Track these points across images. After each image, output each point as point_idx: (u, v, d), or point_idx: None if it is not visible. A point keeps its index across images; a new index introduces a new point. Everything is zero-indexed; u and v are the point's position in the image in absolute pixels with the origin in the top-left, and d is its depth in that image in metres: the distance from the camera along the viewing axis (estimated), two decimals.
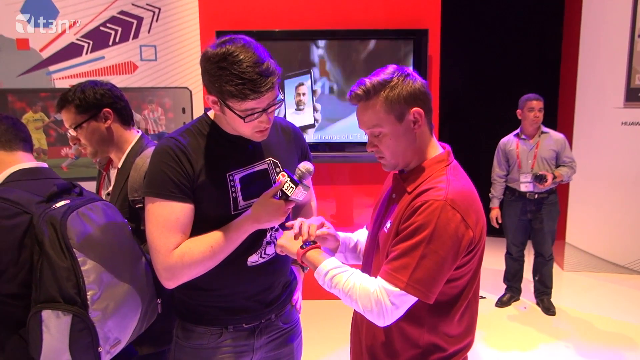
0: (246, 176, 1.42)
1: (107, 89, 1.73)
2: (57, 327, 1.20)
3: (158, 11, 4.02)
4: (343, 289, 1.26)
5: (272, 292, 1.53)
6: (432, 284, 1.20)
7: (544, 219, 3.83)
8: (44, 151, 3.44)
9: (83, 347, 1.23)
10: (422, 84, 1.31)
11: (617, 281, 4.59)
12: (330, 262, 1.31)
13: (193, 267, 1.33)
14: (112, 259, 1.31)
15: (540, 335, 3.61)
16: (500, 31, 5.45)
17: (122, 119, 1.77)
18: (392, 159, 1.33)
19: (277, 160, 1.50)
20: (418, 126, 1.30)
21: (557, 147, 3.79)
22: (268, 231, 1.47)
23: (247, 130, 1.35)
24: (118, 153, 1.77)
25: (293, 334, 1.63)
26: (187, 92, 3.61)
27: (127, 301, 1.34)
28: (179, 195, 1.32)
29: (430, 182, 1.27)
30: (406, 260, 1.20)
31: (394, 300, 1.21)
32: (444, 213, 1.19)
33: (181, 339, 1.49)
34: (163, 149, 1.35)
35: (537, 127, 3.82)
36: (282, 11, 3.81)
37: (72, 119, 1.71)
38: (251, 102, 1.27)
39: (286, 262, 1.56)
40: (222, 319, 1.47)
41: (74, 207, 1.27)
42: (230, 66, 1.23)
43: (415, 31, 3.76)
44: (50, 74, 3.88)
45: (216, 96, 1.30)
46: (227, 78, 1.24)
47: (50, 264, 1.20)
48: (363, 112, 1.30)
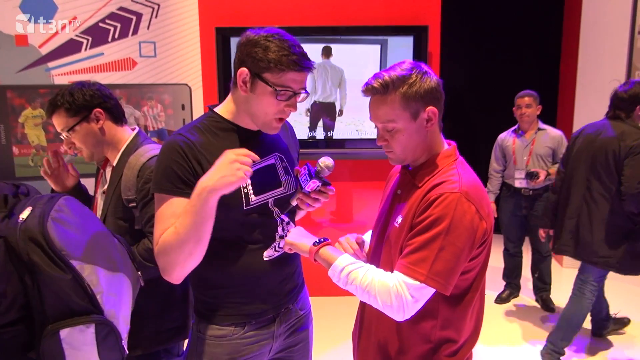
0: (257, 171, 1.41)
1: (95, 89, 1.72)
2: (82, 340, 1.15)
3: (157, 7, 4.01)
4: (361, 284, 1.26)
5: (290, 282, 1.55)
6: (451, 275, 1.22)
7: (539, 214, 3.80)
8: (43, 148, 3.43)
9: (110, 349, 1.21)
10: (438, 82, 1.31)
11: (616, 277, 4.57)
12: (345, 258, 1.31)
13: (168, 256, 1.30)
14: (99, 253, 1.26)
15: (539, 332, 3.62)
16: (501, 28, 5.44)
17: (113, 118, 1.76)
18: (401, 154, 1.34)
19: (282, 156, 1.51)
20: (431, 124, 1.31)
21: (553, 144, 3.78)
22: (280, 225, 1.48)
23: (271, 112, 1.36)
24: (113, 151, 1.76)
25: (307, 319, 1.66)
26: (186, 88, 3.60)
27: (124, 287, 1.31)
28: (186, 192, 1.31)
29: (442, 176, 1.28)
30: (425, 253, 1.21)
31: (413, 293, 1.21)
32: (460, 205, 1.21)
33: (202, 332, 1.49)
34: (171, 145, 1.35)
35: (531, 123, 3.81)
36: (281, 7, 3.80)
37: (64, 122, 1.70)
38: (291, 74, 1.32)
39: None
40: (245, 314, 1.48)
41: (43, 215, 1.16)
42: (279, 41, 1.31)
43: (416, 27, 3.76)
44: (49, 70, 3.87)
45: (250, 69, 1.32)
46: (274, 48, 1.30)
47: (50, 282, 1.12)
48: (378, 105, 1.30)
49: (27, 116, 3.46)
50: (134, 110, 3.85)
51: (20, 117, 3.29)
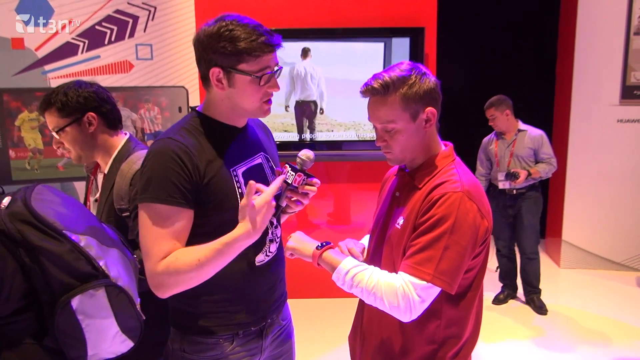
0: (247, 170, 1.40)
1: (92, 91, 1.64)
2: (96, 305, 1.14)
3: (154, 10, 4.01)
4: (367, 287, 1.25)
5: (276, 290, 1.52)
6: (456, 274, 1.23)
7: (523, 213, 3.83)
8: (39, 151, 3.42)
9: (125, 310, 1.20)
10: (437, 83, 1.32)
11: (613, 278, 4.60)
12: (349, 261, 1.31)
13: (178, 278, 1.24)
14: (90, 228, 1.23)
15: (536, 333, 3.63)
16: (496, 30, 5.46)
17: (108, 123, 1.67)
18: (400, 154, 1.34)
19: (267, 155, 1.50)
20: (430, 125, 1.32)
21: (534, 144, 3.79)
22: (269, 228, 1.45)
23: (257, 100, 1.33)
24: (105, 157, 1.68)
25: (290, 329, 1.64)
26: (183, 91, 3.60)
27: (120, 263, 1.27)
28: (179, 200, 1.25)
29: (442, 177, 1.29)
30: (430, 252, 1.21)
31: (420, 293, 1.21)
32: (463, 204, 1.22)
33: (188, 352, 1.40)
34: (163, 150, 1.27)
35: (509, 127, 3.83)
36: (278, 10, 3.80)
37: (55, 122, 1.63)
38: (267, 56, 1.29)
39: (284, 258, 1.55)
40: (232, 325, 1.41)
41: (24, 198, 1.15)
42: (240, 27, 1.27)
43: (412, 29, 3.77)
44: (45, 73, 3.86)
45: (223, 66, 1.28)
46: (242, 35, 1.26)
47: (50, 255, 1.11)
48: (378, 106, 1.30)
49: (24, 119, 3.45)
50: (130, 113, 3.84)
51: (16, 121, 3.28)
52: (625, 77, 4.50)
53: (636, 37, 4.43)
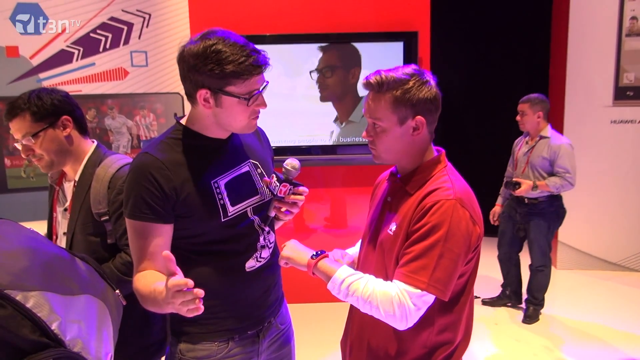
0: (231, 181, 1.39)
1: (63, 96, 1.65)
2: None
3: (148, 17, 4.02)
4: (362, 295, 1.25)
5: (271, 295, 1.52)
6: (449, 281, 1.23)
7: (531, 227, 3.63)
8: None
9: None
10: (437, 94, 1.32)
11: (610, 278, 4.62)
12: (344, 270, 1.31)
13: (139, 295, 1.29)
14: (48, 277, 1.07)
15: (532, 334, 3.63)
16: (489, 32, 5.49)
17: (79, 128, 1.69)
18: (382, 154, 1.35)
19: (256, 162, 1.48)
20: (417, 133, 1.32)
21: (549, 154, 3.52)
22: (261, 234, 1.45)
23: (244, 118, 1.33)
24: (75, 164, 1.68)
25: (290, 334, 1.63)
26: (178, 97, 3.61)
27: (92, 310, 1.15)
28: (150, 217, 1.28)
29: (434, 183, 1.30)
30: (424, 261, 1.22)
31: (415, 301, 1.22)
32: (456, 212, 1.22)
33: (183, 354, 1.43)
34: (140, 167, 1.30)
35: (535, 130, 3.62)
36: (272, 15, 3.82)
37: (27, 127, 1.61)
38: (255, 77, 1.27)
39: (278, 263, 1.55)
40: (227, 330, 1.43)
41: None
42: (227, 47, 1.22)
43: (405, 33, 3.79)
44: (40, 81, 3.86)
45: (211, 88, 1.26)
46: (229, 59, 1.22)
47: None
48: (371, 101, 1.32)
49: None
50: (126, 120, 3.85)
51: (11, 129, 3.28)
52: (618, 79, 4.53)
53: (628, 39, 4.48)
